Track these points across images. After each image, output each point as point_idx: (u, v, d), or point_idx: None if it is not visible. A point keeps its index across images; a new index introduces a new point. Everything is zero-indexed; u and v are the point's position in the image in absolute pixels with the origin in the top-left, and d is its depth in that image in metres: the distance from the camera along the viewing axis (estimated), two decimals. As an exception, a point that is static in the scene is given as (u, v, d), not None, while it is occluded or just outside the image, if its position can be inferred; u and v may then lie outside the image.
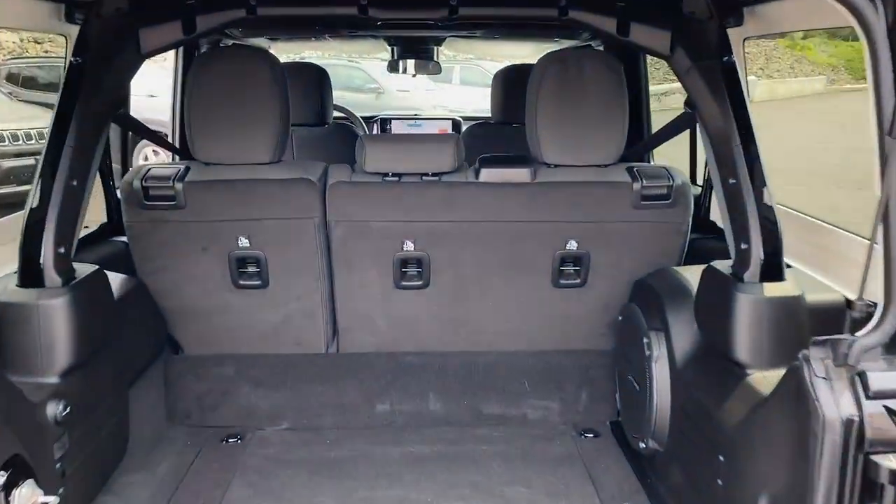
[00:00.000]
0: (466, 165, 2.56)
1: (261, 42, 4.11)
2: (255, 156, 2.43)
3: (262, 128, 2.40)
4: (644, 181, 2.44)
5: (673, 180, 2.45)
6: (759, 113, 2.16)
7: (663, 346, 2.19)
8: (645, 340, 2.24)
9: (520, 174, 2.45)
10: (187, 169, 2.45)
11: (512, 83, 3.63)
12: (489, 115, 4.19)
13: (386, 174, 2.46)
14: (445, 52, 4.51)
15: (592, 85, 2.42)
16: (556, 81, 2.42)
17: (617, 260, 2.55)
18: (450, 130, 4.65)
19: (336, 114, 4.28)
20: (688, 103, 2.20)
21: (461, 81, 13.70)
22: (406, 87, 12.76)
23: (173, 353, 2.70)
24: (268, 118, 2.40)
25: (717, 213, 2.86)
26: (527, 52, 4.48)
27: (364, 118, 4.59)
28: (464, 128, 4.68)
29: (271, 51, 4.27)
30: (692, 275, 2.29)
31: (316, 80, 3.58)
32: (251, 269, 2.55)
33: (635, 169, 2.48)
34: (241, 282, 2.54)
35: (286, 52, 4.60)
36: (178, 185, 2.39)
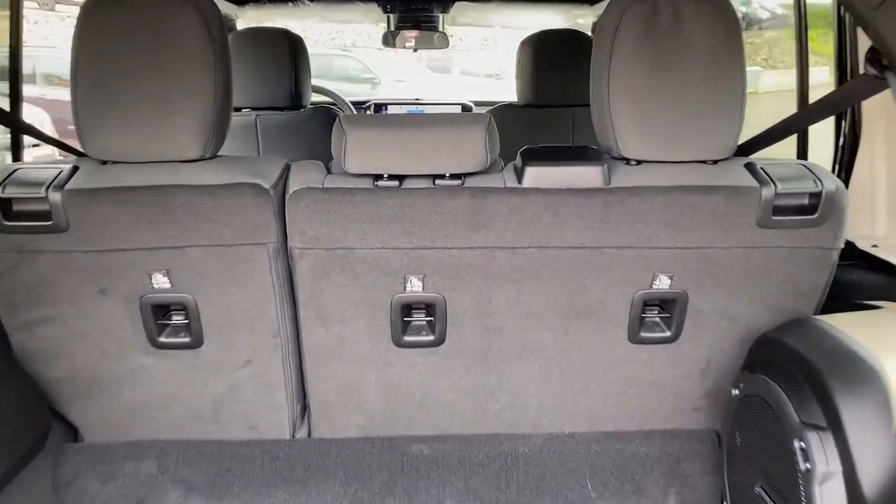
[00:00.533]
0: (501, 163, 1.72)
1: (224, 7, 3.26)
2: (176, 149, 1.57)
3: (185, 107, 1.54)
4: (778, 185, 1.59)
5: (821, 183, 1.60)
6: (773, 105, 1.33)
7: (834, 459, 1.34)
8: (798, 444, 1.39)
9: (587, 175, 1.59)
10: (74, 170, 1.59)
11: (546, 52, 2.76)
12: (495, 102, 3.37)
13: (379, 176, 1.62)
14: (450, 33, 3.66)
15: (697, 38, 1.57)
16: (639, 33, 1.56)
17: (727, 303, 1.70)
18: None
19: (316, 98, 3.43)
20: (871, 60, 1.36)
21: (462, 72, 12.88)
22: (403, 78, 11.90)
23: (69, 440, 1.85)
24: (195, 93, 1.55)
25: (858, 231, 2.03)
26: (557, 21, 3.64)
27: (354, 104, 3.73)
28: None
29: (238, 22, 3.42)
30: (864, 331, 1.45)
31: (287, 49, 2.71)
32: (176, 319, 1.70)
33: (760, 167, 1.63)
34: (162, 339, 1.69)
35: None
36: (55, 196, 1.53)
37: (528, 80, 2.77)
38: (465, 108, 3.77)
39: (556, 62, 2.71)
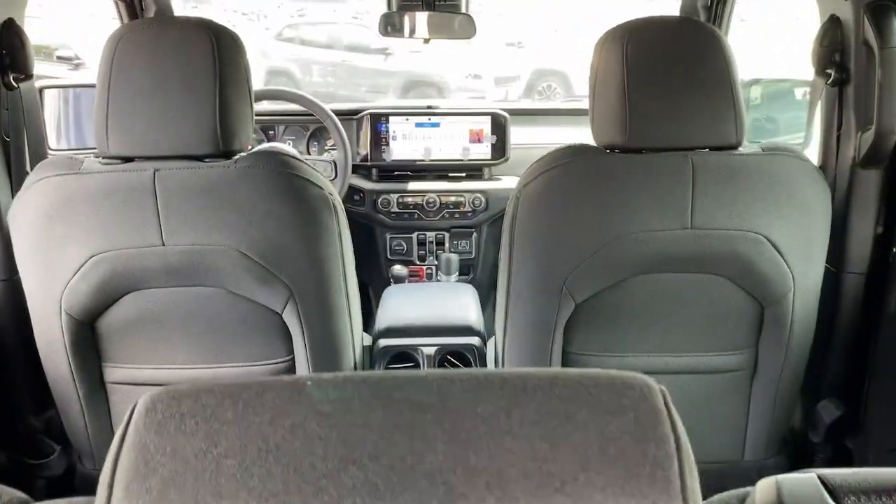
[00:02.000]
0: None
1: None
2: None
3: None
4: None
5: None
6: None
7: None
8: None
9: None
10: None
11: (648, 58, 1.51)
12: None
13: None
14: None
15: None
16: None
17: None
18: (488, 133, 2.69)
19: (272, 104, 2.37)
20: None
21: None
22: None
23: None
24: None
25: None
26: None
27: (340, 114, 2.63)
28: (516, 133, 2.71)
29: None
30: None
31: (209, 54, 1.45)
32: None
33: None
34: None
35: None
36: None
37: (616, 109, 1.54)
38: (498, 119, 2.67)
39: (664, 76, 1.56)
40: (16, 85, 1.68)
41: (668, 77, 1.51)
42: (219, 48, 1.47)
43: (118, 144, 1.47)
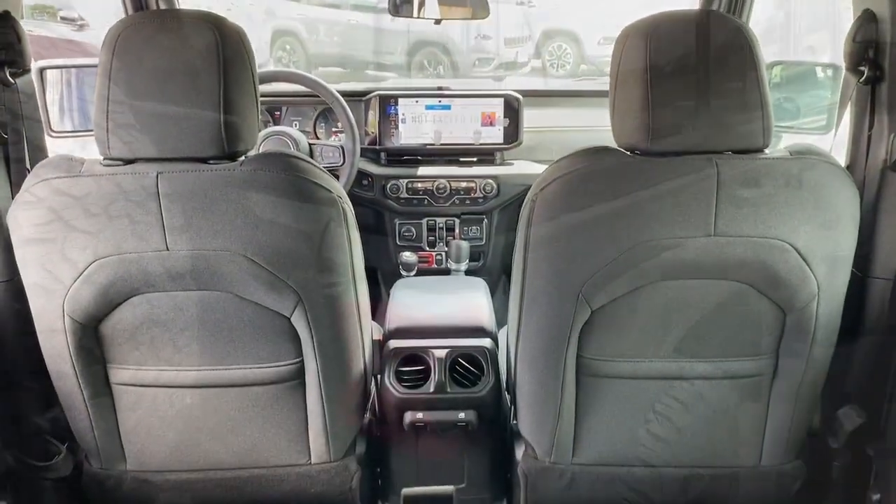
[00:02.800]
0: None
1: None
2: None
3: None
4: None
5: None
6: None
7: None
8: None
9: None
10: None
11: (670, 56, 1.43)
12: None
13: None
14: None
15: None
16: None
17: None
18: (501, 116, 2.62)
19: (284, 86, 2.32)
20: None
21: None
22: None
23: None
24: None
25: None
26: None
27: (347, 95, 2.56)
28: (530, 116, 2.63)
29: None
30: None
31: (213, 50, 1.39)
32: None
33: None
34: None
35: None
36: None
37: (639, 110, 1.46)
38: (511, 101, 2.60)
39: (689, 76, 1.49)
40: (12, 81, 1.62)
41: (694, 77, 1.44)
42: (223, 44, 1.41)
43: (119, 146, 1.42)
